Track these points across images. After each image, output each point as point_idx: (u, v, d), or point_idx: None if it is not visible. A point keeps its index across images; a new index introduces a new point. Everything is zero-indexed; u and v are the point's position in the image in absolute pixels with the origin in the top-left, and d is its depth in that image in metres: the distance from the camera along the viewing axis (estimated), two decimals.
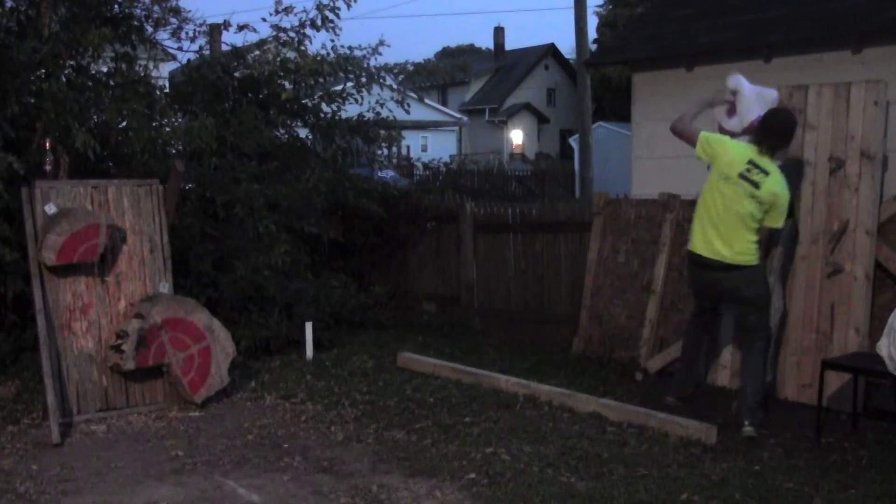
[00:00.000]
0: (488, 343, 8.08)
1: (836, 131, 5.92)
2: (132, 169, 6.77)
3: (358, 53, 8.54)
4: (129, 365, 5.68)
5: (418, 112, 16.39)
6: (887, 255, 5.76)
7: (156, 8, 7.45)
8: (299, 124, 8.72)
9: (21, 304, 6.27)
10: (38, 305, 5.61)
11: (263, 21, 12.02)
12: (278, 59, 8.25)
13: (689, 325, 6.06)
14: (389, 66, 9.05)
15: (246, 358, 6.93)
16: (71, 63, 6.93)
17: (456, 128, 36.70)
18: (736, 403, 5.60)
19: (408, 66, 9.27)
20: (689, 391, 5.96)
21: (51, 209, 5.77)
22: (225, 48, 8.85)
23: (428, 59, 9.37)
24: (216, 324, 6.08)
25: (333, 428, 5.48)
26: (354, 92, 8.74)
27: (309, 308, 7.49)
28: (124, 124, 6.72)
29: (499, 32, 49.21)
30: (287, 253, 7.25)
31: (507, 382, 6.27)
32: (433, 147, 34.55)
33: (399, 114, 9.26)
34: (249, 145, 7.52)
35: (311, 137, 8.81)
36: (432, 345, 7.89)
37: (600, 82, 34.74)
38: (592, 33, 34.97)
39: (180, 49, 8.31)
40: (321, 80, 8.43)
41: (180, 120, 7.66)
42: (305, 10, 8.34)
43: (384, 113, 9.10)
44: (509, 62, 47.31)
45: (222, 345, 6.05)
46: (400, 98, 9.20)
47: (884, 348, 4.77)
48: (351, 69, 8.46)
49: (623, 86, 30.57)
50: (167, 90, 8.34)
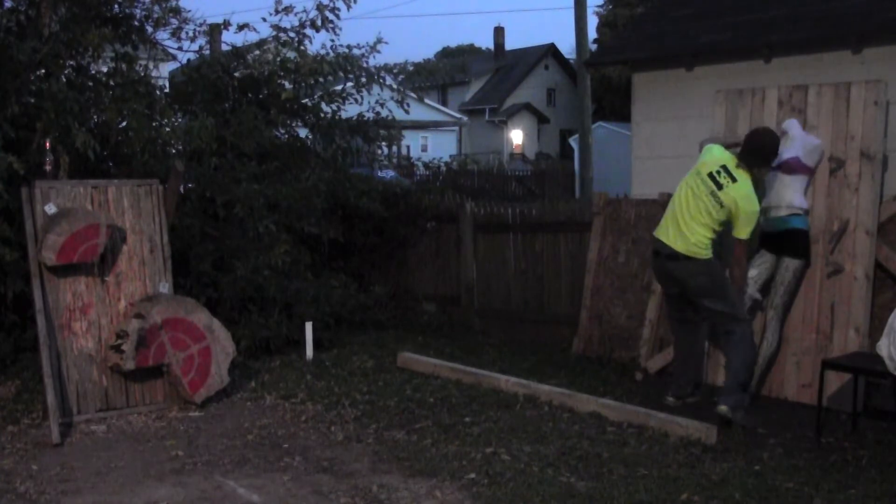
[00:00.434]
0: (488, 343, 8.08)
1: (836, 131, 5.93)
2: (132, 169, 6.77)
3: (356, 52, 8.54)
4: (129, 365, 5.68)
5: (418, 112, 16.41)
6: (887, 255, 5.76)
7: (156, 8, 7.45)
8: (299, 124, 8.72)
9: (21, 304, 6.27)
10: (38, 305, 5.61)
11: (263, 21, 12.00)
12: (278, 59, 8.25)
13: (672, 327, 6.12)
14: (389, 66, 9.05)
15: (246, 358, 6.93)
16: (71, 63, 6.93)
17: (456, 128, 36.72)
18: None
19: (408, 66, 9.27)
20: (689, 391, 5.97)
21: (51, 209, 5.77)
22: (225, 48, 8.85)
23: (428, 59, 9.34)
24: (216, 324, 6.08)
25: (333, 428, 5.48)
26: (354, 92, 8.75)
27: (309, 308, 7.49)
28: (124, 124, 6.72)
29: (499, 32, 49.21)
30: (287, 253, 7.25)
31: (507, 382, 6.27)
32: (433, 147, 34.56)
33: (399, 114, 9.25)
34: (249, 145, 7.52)
35: (311, 137, 8.81)
36: (432, 345, 7.89)
37: (600, 82, 34.76)
38: (592, 33, 35.04)
39: (180, 49, 8.31)
40: (321, 80, 8.43)
41: (180, 120, 7.66)
42: (305, 10, 8.35)
43: (384, 113, 9.10)
44: (509, 62, 47.31)
45: (222, 345, 6.05)
46: (400, 98, 9.20)
47: (884, 348, 4.78)
48: (350, 69, 8.46)
49: (623, 86, 30.58)
50: (167, 90, 8.34)
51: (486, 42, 62.39)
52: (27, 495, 4.41)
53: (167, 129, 7.06)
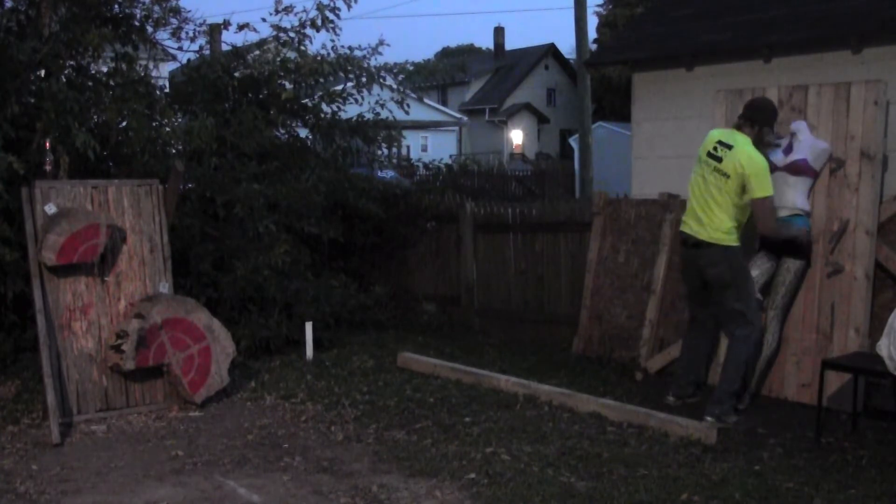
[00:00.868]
0: (488, 343, 8.08)
1: (836, 131, 5.92)
2: (132, 169, 6.77)
3: (358, 53, 8.54)
4: (129, 365, 5.68)
5: (418, 112, 16.40)
6: (887, 255, 5.76)
7: (156, 8, 7.44)
8: (299, 124, 8.72)
9: (21, 304, 6.27)
10: (38, 305, 5.61)
11: (263, 21, 12.01)
12: (278, 59, 8.25)
13: (688, 328, 6.10)
14: (389, 66, 9.05)
15: (246, 358, 6.93)
16: (71, 63, 6.93)
17: (456, 128, 36.68)
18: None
19: (407, 66, 9.27)
20: (689, 392, 5.97)
21: (51, 209, 5.77)
22: (225, 48, 8.84)
23: (427, 59, 9.34)
24: (216, 324, 6.08)
25: (333, 428, 5.48)
26: (354, 92, 8.74)
27: (309, 308, 7.49)
28: (124, 124, 6.72)
29: (499, 32, 49.22)
30: (287, 253, 7.25)
31: (507, 382, 6.27)
32: (433, 147, 34.54)
33: (399, 114, 9.25)
34: (249, 145, 7.52)
35: (311, 137, 8.81)
36: (432, 345, 7.89)
37: (600, 82, 34.75)
38: (592, 33, 35.02)
39: (180, 49, 8.31)
40: (321, 80, 8.43)
41: (180, 120, 7.65)
42: (305, 10, 8.34)
43: (384, 113, 9.10)
44: (509, 62, 47.31)
45: (222, 345, 6.05)
46: (399, 98, 9.19)
47: (884, 348, 4.78)
48: (351, 69, 8.46)
49: (623, 86, 30.59)
50: (167, 90, 8.34)
51: (486, 42, 62.42)
52: (27, 495, 4.41)
53: (167, 129, 7.07)
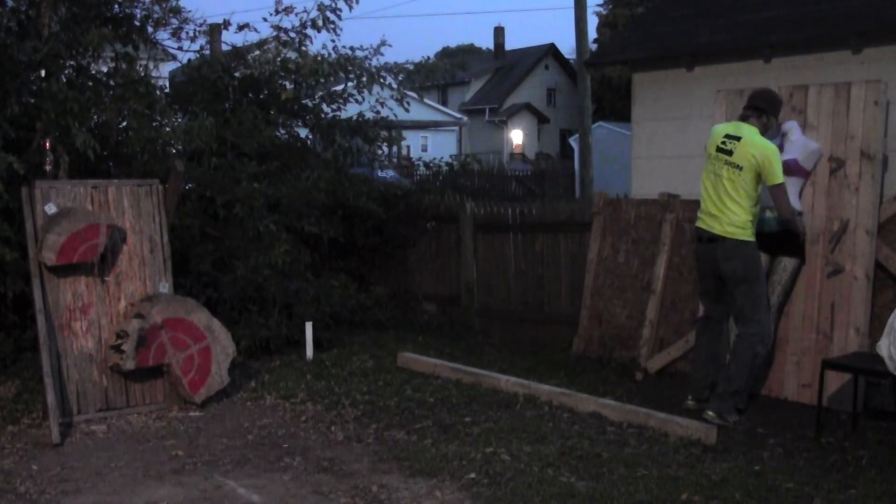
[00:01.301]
0: (488, 343, 8.08)
1: (836, 131, 5.92)
2: (132, 169, 6.77)
3: (360, 54, 8.54)
4: (130, 365, 5.68)
5: (418, 112, 16.39)
6: (887, 255, 5.76)
7: (156, 8, 7.45)
8: (299, 124, 8.72)
9: (21, 304, 6.27)
10: (38, 305, 5.61)
11: (264, 21, 12.03)
12: (279, 60, 8.25)
13: (697, 329, 6.06)
14: (389, 66, 9.05)
15: (246, 358, 6.93)
16: (71, 63, 6.93)
17: (456, 128, 36.71)
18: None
19: (407, 66, 9.26)
20: (706, 395, 5.84)
21: (51, 209, 5.77)
22: (225, 48, 8.84)
23: (427, 58, 9.33)
24: (216, 324, 6.08)
25: (333, 428, 5.48)
26: (355, 92, 8.74)
27: (309, 308, 7.49)
28: (124, 124, 6.73)
29: (499, 32, 49.21)
30: (287, 253, 7.25)
31: (507, 382, 6.27)
32: (433, 147, 34.54)
33: (399, 113, 9.25)
34: (249, 145, 7.52)
35: (312, 137, 8.81)
36: (432, 345, 7.89)
37: (600, 82, 34.75)
38: (592, 33, 35.01)
39: (180, 49, 8.31)
40: (321, 81, 8.43)
41: (180, 120, 7.65)
42: (306, 10, 8.34)
43: (384, 112, 9.10)
44: (509, 62, 47.31)
45: (222, 345, 6.05)
46: (399, 97, 9.19)
47: (884, 348, 4.78)
48: (351, 69, 8.46)
49: (623, 86, 30.59)
50: (167, 90, 8.34)
51: (486, 42, 62.44)
52: (27, 495, 4.41)
53: (167, 129, 7.06)
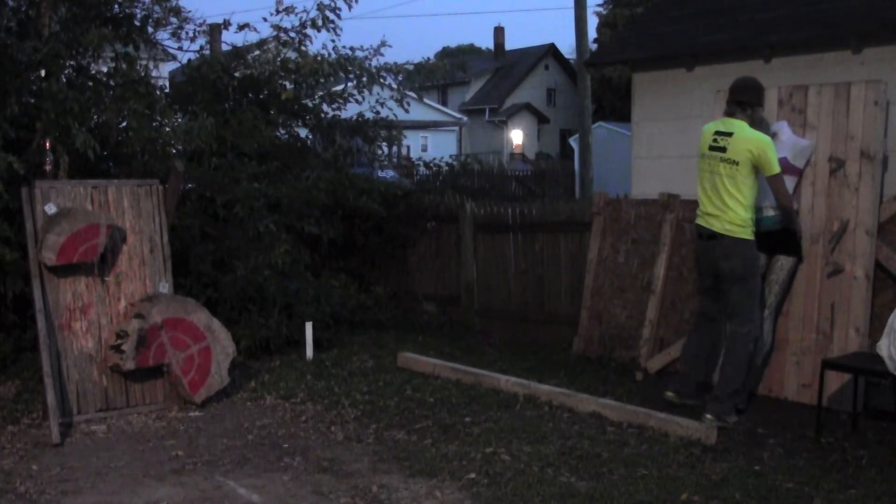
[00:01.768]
0: (488, 343, 8.08)
1: (836, 131, 5.92)
2: (132, 169, 6.77)
3: (360, 54, 8.54)
4: (129, 365, 5.68)
5: (418, 112, 16.40)
6: (887, 255, 5.76)
7: (156, 8, 7.44)
8: (299, 124, 8.72)
9: (21, 304, 6.27)
10: (38, 305, 5.61)
11: (264, 21, 12.03)
12: (279, 60, 8.25)
13: (694, 324, 6.06)
14: (389, 66, 9.05)
15: (246, 358, 6.93)
16: (71, 63, 6.93)
17: (456, 128, 36.71)
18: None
19: (407, 67, 9.27)
20: (689, 391, 5.90)
21: (51, 209, 5.77)
22: (225, 48, 8.84)
23: (427, 59, 9.33)
24: (216, 324, 6.08)
25: (333, 428, 5.48)
26: (355, 92, 8.74)
27: (309, 308, 7.49)
28: (124, 124, 6.72)
29: (499, 32, 49.21)
30: (287, 253, 7.25)
31: (507, 382, 6.27)
32: (433, 147, 34.55)
33: (399, 113, 9.25)
34: (249, 145, 7.52)
35: (312, 137, 8.81)
36: (432, 345, 7.89)
37: (600, 82, 34.76)
38: (592, 33, 35.04)
39: (180, 49, 8.31)
40: (321, 81, 8.43)
41: (180, 120, 7.65)
42: (306, 10, 8.34)
43: (384, 112, 9.09)
44: (509, 62, 47.31)
45: (222, 345, 6.05)
46: (399, 97, 9.19)
47: (884, 348, 4.78)
48: (351, 69, 8.46)
49: (623, 86, 30.59)
50: (167, 90, 8.34)
51: (486, 42, 62.40)
52: (27, 495, 4.41)
53: (167, 129, 7.06)
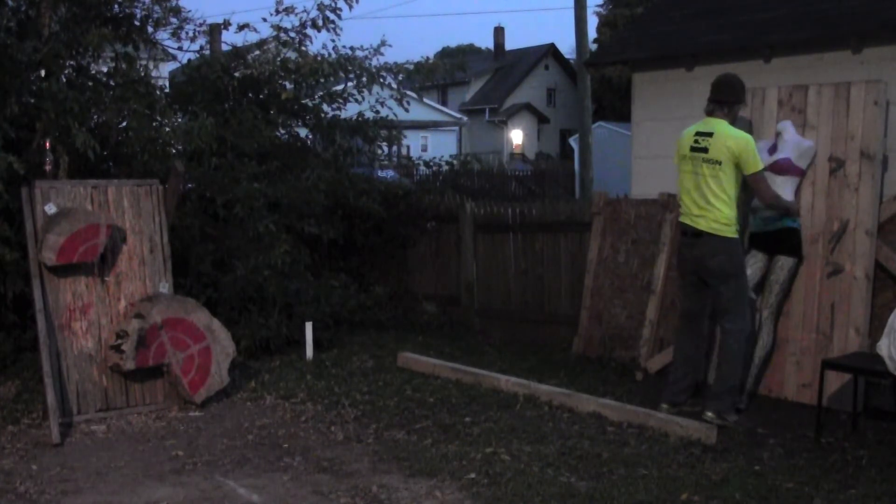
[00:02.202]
0: (488, 343, 8.08)
1: (836, 131, 5.92)
2: (132, 169, 6.77)
3: (360, 54, 8.54)
4: (129, 365, 5.68)
5: (418, 112, 16.37)
6: (887, 255, 5.76)
7: (156, 8, 7.44)
8: (299, 124, 8.72)
9: (21, 304, 6.27)
10: (38, 305, 5.61)
11: (264, 21, 12.01)
12: (279, 60, 8.25)
13: (678, 328, 6.01)
14: (389, 66, 9.05)
15: (246, 358, 6.93)
16: (71, 63, 6.93)
17: (456, 128, 36.67)
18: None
19: (407, 66, 9.27)
20: (683, 399, 5.81)
21: (51, 209, 5.77)
22: (225, 48, 8.85)
23: (427, 59, 9.33)
24: (216, 324, 6.08)
25: (333, 428, 5.48)
26: (355, 92, 8.74)
27: (309, 308, 7.49)
28: (124, 124, 6.72)
29: (499, 32, 49.20)
30: (287, 253, 7.25)
31: (507, 382, 6.27)
32: (433, 147, 34.51)
33: (399, 113, 9.25)
34: (249, 145, 7.52)
35: (312, 137, 8.80)
36: (432, 345, 7.89)
37: (600, 82, 34.75)
38: (592, 33, 35.02)
39: (180, 49, 8.31)
40: (321, 81, 8.43)
41: (180, 120, 7.65)
42: (306, 10, 8.34)
43: (384, 112, 9.09)
44: (509, 62, 47.30)
45: (222, 345, 6.05)
46: (399, 97, 9.19)
47: (884, 348, 4.78)
48: (351, 69, 8.46)
49: (623, 86, 30.59)
50: (167, 90, 8.34)
51: (486, 42, 62.31)
52: (27, 495, 4.41)
53: (167, 129, 7.06)
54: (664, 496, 4.28)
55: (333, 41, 8.50)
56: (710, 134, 5.46)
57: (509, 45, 49.18)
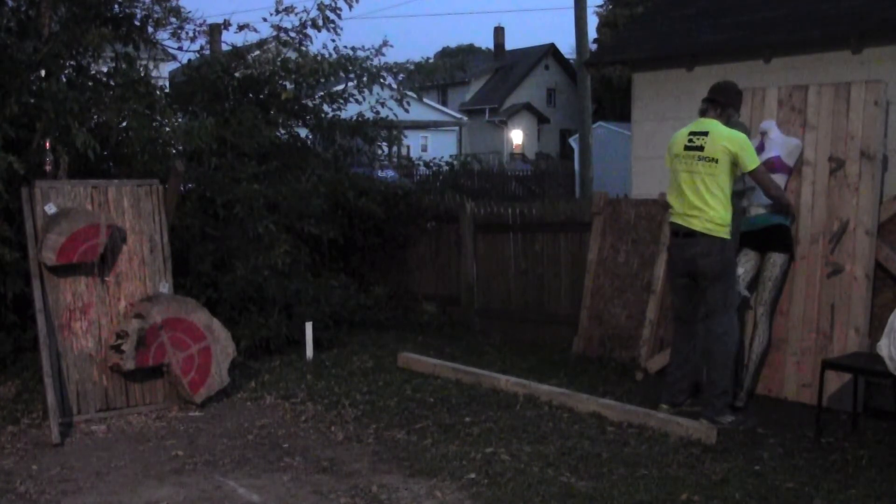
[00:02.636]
0: (488, 343, 8.08)
1: (836, 131, 5.93)
2: (132, 169, 6.77)
3: (361, 54, 8.54)
4: (129, 365, 5.68)
5: (418, 112, 16.38)
6: (887, 255, 5.76)
7: (156, 8, 7.45)
8: (299, 124, 8.72)
9: (21, 304, 6.26)
10: (38, 305, 5.61)
11: (264, 21, 12.03)
12: (279, 60, 8.25)
13: (673, 330, 5.98)
14: (390, 66, 9.05)
15: (246, 358, 6.93)
16: (71, 63, 6.93)
17: (456, 128, 36.68)
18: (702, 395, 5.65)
19: (408, 66, 9.27)
20: (682, 399, 5.80)
21: (51, 209, 5.77)
22: (225, 48, 8.84)
23: (426, 58, 9.34)
24: (216, 324, 6.08)
25: (333, 428, 5.48)
26: (355, 92, 8.74)
27: (309, 308, 7.49)
28: (124, 124, 6.72)
29: (499, 32, 49.20)
30: (287, 253, 7.25)
31: (507, 382, 6.27)
32: (433, 147, 34.51)
33: (399, 113, 9.25)
34: (249, 145, 7.52)
35: (312, 137, 8.80)
36: (432, 345, 7.90)
37: (600, 82, 34.74)
38: (592, 33, 35.02)
39: (180, 49, 8.31)
40: (322, 81, 8.43)
41: (180, 120, 7.65)
42: (306, 10, 8.34)
43: (384, 112, 9.09)
44: (509, 62, 47.29)
45: (222, 345, 6.05)
46: (399, 97, 9.19)
47: (884, 348, 4.78)
48: (352, 69, 8.46)
49: (623, 86, 30.57)
50: (167, 90, 8.33)
51: (486, 42, 62.43)
52: (27, 495, 4.41)
53: (167, 129, 7.06)
54: (664, 496, 4.28)
55: (334, 41, 8.53)
56: (705, 133, 5.44)
57: (509, 45, 49.23)
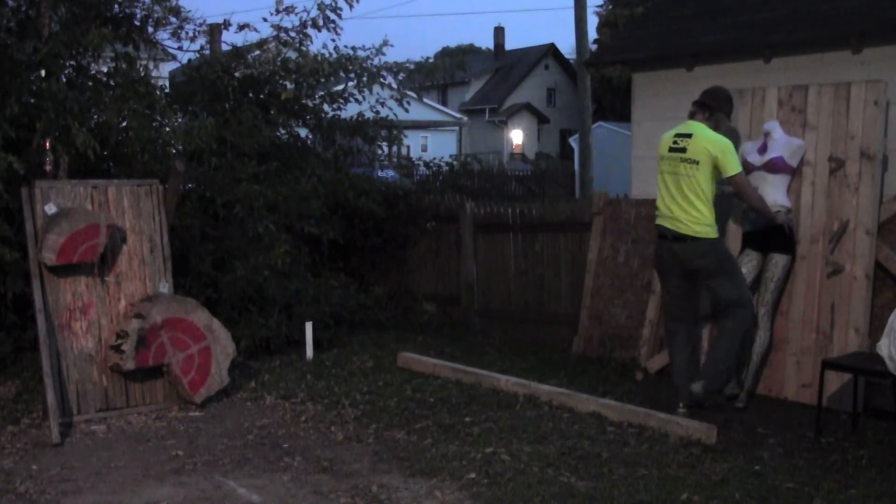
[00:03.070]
0: (488, 343, 8.08)
1: (836, 131, 5.92)
2: (132, 169, 6.77)
3: (362, 54, 8.53)
4: (129, 365, 5.68)
5: (418, 112, 16.37)
6: (887, 255, 5.76)
7: (156, 8, 7.45)
8: (299, 124, 8.72)
9: (21, 304, 6.27)
10: (38, 305, 5.61)
11: (264, 21, 12.01)
12: (279, 59, 8.25)
13: (668, 332, 5.96)
14: (390, 66, 9.05)
15: (246, 358, 6.93)
16: (71, 63, 6.93)
17: (456, 128, 36.68)
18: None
19: (408, 66, 9.26)
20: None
21: (51, 209, 5.77)
22: (225, 48, 8.83)
23: (427, 59, 9.34)
24: (216, 324, 6.08)
25: (333, 428, 5.48)
26: (356, 92, 8.74)
27: (309, 308, 7.49)
28: (124, 124, 6.72)
29: (499, 32, 49.21)
30: (287, 253, 7.25)
31: (507, 382, 6.27)
32: (433, 147, 34.51)
33: (399, 113, 9.25)
34: (249, 145, 7.51)
35: (312, 137, 8.80)
36: (432, 345, 7.90)
37: (600, 82, 34.75)
38: (592, 33, 35.03)
39: (180, 49, 8.30)
40: (322, 80, 8.43)
41: (180, 120, 7.65)
42: (306, 10, 8.33)
43: (384, 112, 9.09)
44: (509, 62, 47.30)
45: (222, 345, 6.05)
46: (399, 97, 9.19)
47: (884, 348, 4.78)
48: (352, 69, 8.46)
49: (623, 86, 30.59)
50: (167, 90, 8.33)
51: (486, 42, 62.33)
52: (27, 495, 4.41)
53: (167, 129, 7.06)
54: (664, 496, 4.28)
55: (334, 41, 8.51)
56: (689, 135, 5.51)
57: (509, 45, 49.23)
